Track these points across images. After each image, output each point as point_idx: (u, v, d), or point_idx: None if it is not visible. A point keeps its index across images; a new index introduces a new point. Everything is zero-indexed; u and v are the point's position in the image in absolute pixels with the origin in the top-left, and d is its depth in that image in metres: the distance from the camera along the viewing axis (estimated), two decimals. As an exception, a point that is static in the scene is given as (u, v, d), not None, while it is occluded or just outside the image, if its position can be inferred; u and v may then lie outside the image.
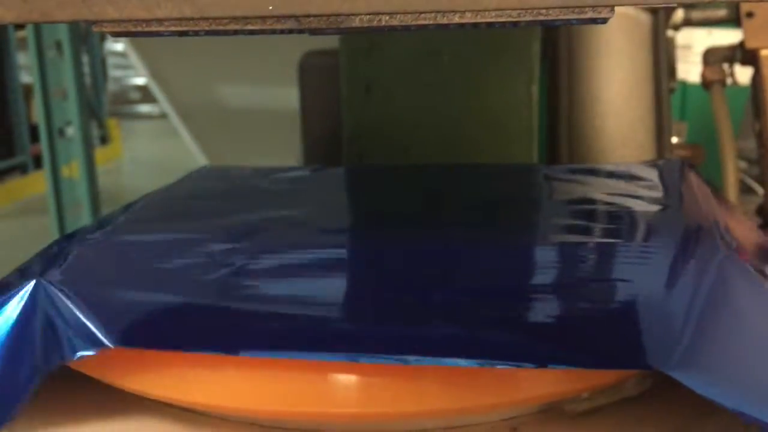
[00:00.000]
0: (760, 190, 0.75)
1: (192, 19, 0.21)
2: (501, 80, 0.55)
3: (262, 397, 0.24)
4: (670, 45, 0.79)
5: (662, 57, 0.71)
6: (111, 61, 4.12)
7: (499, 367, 0.22)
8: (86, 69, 3.01)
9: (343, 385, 0.23)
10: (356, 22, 0.22)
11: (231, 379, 0.24)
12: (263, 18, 0.21)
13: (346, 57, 0.57)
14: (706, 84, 0.75)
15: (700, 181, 0.37)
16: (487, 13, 0.20)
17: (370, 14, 0.20)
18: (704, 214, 0.32)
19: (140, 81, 3.85)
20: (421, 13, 0.20)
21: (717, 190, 0.37)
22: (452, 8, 0.20)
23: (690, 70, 1.02)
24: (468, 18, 0.22)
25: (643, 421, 0.25)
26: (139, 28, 0.25)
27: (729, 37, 0.78)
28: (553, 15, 0.22)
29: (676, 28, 0.82)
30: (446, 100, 0.56)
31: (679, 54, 0.92)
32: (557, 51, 0.67)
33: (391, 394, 0.23)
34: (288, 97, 0.82)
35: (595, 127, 0.69)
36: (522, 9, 0.20)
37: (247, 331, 0.25)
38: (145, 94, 3.80)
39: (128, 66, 3.80)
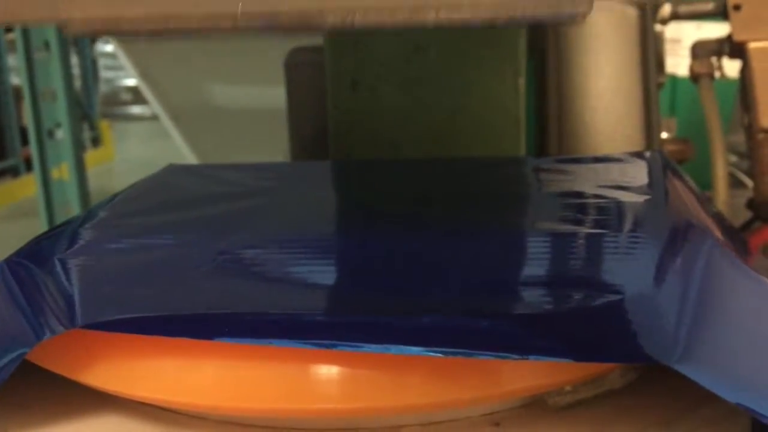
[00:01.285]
0: (750, 184, 0.75)
1: (160, 18, 0.20)
2: (488, 74, 0.55)
3: (236, 393, 0.23)
4: (659, 39, 0.79)
5: (650, 51, 0.71)
6: (102, 62, 4.11)
7: (484, 357, 0.22)
8: (76, 70, 2.99)
9: (321, 379, 0.23)
10: (329, 20, 0.22)
11: (203, 375, 0.24)
12: (234, 16, 0.21)
13: (331, 53, 0.57)
14: (694, 77, 0.75)
15: (677, 172, 0.37)
16: (462, 9, 0.20)
17: (342, 12, 0.20)
18: (689, 205, 0.32)
19: (131, 82, 3.84)
20: (394, 9, 0.20)
21: (689, 182, 0.37)
22: (426, 4, 0.19)
23: (679, 63, 1.02)
24: (443, 14, 0.22)
25: (628, 414, 0.25)
26: (108, 27, 0.24)
27: (718, 30, 0.78)
28: (529, 11, 0.22)
29: (664, 22, 0.82)
30: (433, 94, 0.56)
31: (668, 48, 0.91)
32: (545, 46, 0.67)
33: (370, 389, 0.23)
34: (278, 96, 0.82)
35: (585, 122, 0.69)
36: (497, 5, 0.19)
37: (222, 318, 0.24)
38: (137, 95, 3.79)
39: (119, 67, 3.78)
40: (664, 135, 0.80)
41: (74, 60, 2.82)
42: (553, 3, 0.20)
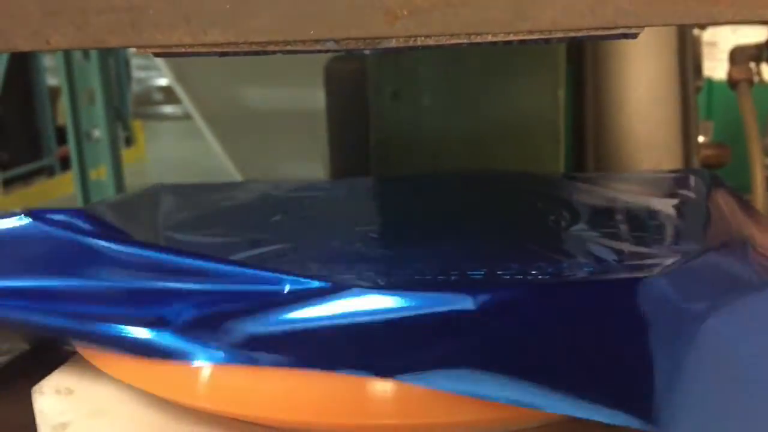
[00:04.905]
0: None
1: (236, 43, 0.21)
2: (528, 85, 0.56)
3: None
4: (696, 44, 0.79)
5: (688, 57, 0.71)
6: (134, 62, 4.17)
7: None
8: (111, 71, 3.04)
9: (376, 395, 0.24)
10: (393, 43, 0.23)
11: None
12: (304, 41, 0.22)
13: (373, 63, 0.58)
14: (733, 83, 0.75)
15: (727, 193, 0.36)
16: (519, 33, 0.21)
17: (406, 37, 0.21)
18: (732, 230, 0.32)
19: (163, 82, 3.89)
20: (455, 34, 0.21)
21: (746, 203, 0.36)
22: (486, 30, 0.20)
23: (716, 67, 1.01)
24: (500, 38, 0.23)
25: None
26: (183, 51, 0.26)
27: (755, 34, 0.78)
28: (584, 33, 0.22)
29: (702, 26, 0.82)
30: (473, 106, 0.57)
31: (705, 52, 0.91)
32: (583, 54, 0.67)
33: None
34: (313, 99, 0.83)
35: (622, 130, 0.69)
36: (557, 30, 0.20)
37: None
38: (169, 95, 3.84)
39: (152, 67, 3.83)
40: (701, 139, 0.80)
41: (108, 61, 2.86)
42: (608, 27, 0.21)
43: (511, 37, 0.22)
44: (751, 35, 0.80)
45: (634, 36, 0.26)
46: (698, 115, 0.74)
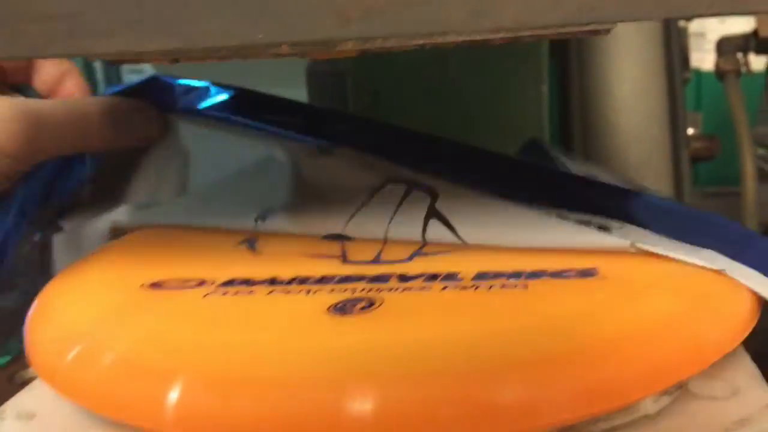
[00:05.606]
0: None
1: (182, 50, 0.20)
2: (510, 82, 0.54)
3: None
4: (683, 35, 0.77)
5: (674, 48, 0.70)
6: (125, 65, 4.14)
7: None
8: (99, 75, 3.02)
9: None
10: (350, 46, 0.22)
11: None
12: (255, 46, 0.20)
13: (353, 62, 0.57)
14: (720, 74, 0.74)
15: None
16: (483, 33, 0.20)
17: (361, 40, 0.20)
18: None
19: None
20: (415, 36, 0.20)
21: None
22: (444, 29, 0.19)
23: (704, 58, 1.00)
24: (462, 37, 0.22)
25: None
26: (129, 58, 0.25)
27: (742, 24, 0.77)
28: (552, 30, 0.21)
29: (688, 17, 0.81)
30: (455, 103, 0.56)
31: (692, 42, 0.90)
32: (567, 48, 0.66)
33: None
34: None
35: (609, 123, 0.68)
36: (519, 28, 0.19)
37: None
38: (160, 97, 3.81)
39: (141, 70, 3.81)
40: (690, 131, 0.79)
41: (96, 63, 2.84)
42: (571, 18, 0.20)
43: (474, 36, 0.21)
44: (738, 25, 0.79)
45: (606, 32, 0.25)
46: (685, 105, 0.73)
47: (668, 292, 0.25)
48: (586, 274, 0.26)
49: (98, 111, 0.35)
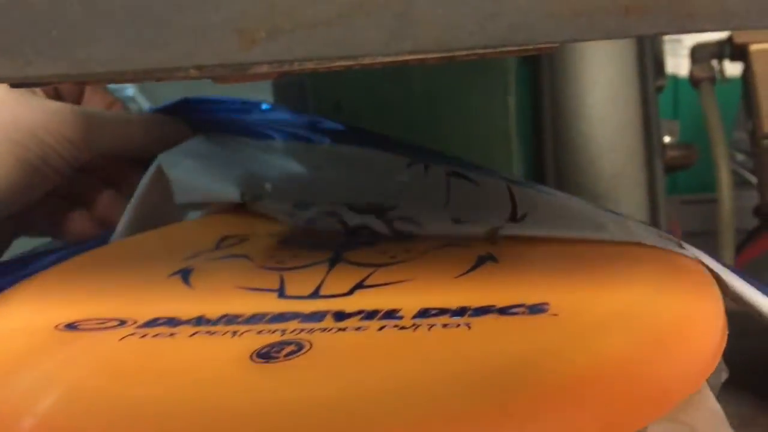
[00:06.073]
0: (755, 181, 0.73)
1: (69, 75, 0.18)
2: (475, 94, 0.53)
3: None
4: (657, 42, 0.76)
5: (648, 55, 0.69)
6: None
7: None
8: (78, 82, 2.99)
9: None
10: (264, 69, 0.20)
11: None
12: (154, 71, 0.18)
13: (314, 75, 0.55)
14: (695, 83, 0.73)
15: None
16: (399, 54, 0.18)
17: (272, 62, 0.18)
18: None
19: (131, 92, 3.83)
20: (329, 59, 0.18)
21: None
22: (360, 53, 0.17)
23: (680, 64, 0.99)
24: (378, 59, 0.20)
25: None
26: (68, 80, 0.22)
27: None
28: (484, 52, 0.19)
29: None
30: (419, 116, 0.54)
31: (669, 48, 0.89)
32: (538, 56, 0.65)
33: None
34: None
35: (582, 133, 0.66)
36: (443, 50, 0.17)
37: None
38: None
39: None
40: (667, 139, 0.78)
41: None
42: (500, 39, 0.18)
43: (392, 59, 0.19)
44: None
45: (550, 49, 0.23)
46: (662, 112, 0.72)
47: (625, 330, 0.23)
48: (536, 310, 0.24)
49: (139, 120, 0.43)
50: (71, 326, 0.25)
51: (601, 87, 0.65)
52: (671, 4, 0.16)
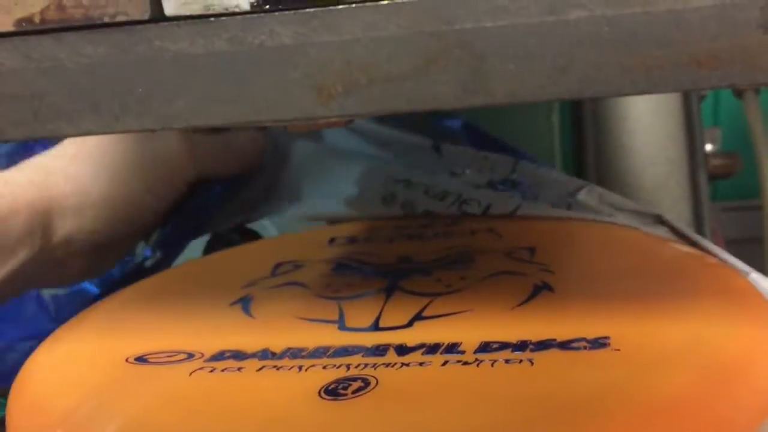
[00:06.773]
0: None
1: (152, 129, 0.19)
2: (519, 113, 0.53)
3: None
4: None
5: (690, 66, 0.68)
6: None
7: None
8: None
9: None
10: (333, 119, 0.20)
11: None
12: (237, 123, 0.19)
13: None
14: (738, 92, 0.72)
15: None
16: (475, 106, 0.18)
17: (348, 116, 0.18)
18: None
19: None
20: (396, 112, 0.18)
21: None
22: (431, 107, 0.17)
23: (721, 71, 0.98)
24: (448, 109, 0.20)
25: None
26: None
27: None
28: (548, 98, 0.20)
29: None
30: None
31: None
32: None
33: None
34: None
35: (623, 146, 0.66)
36: (511, 101, 0.18)
37: None
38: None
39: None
40: (709, 147, 0.77)
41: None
42: (571, 92, 0.18)
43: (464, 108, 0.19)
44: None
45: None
46: (703, 121, 0.71)
47: (688, 365, 0.23)
48: (598, 344, 0.24)
49: (234, 147, 0.47)
50: (141, 359, 0.26)
51: (644, 98, 0.65)
52: (743, 57, 0.17)
